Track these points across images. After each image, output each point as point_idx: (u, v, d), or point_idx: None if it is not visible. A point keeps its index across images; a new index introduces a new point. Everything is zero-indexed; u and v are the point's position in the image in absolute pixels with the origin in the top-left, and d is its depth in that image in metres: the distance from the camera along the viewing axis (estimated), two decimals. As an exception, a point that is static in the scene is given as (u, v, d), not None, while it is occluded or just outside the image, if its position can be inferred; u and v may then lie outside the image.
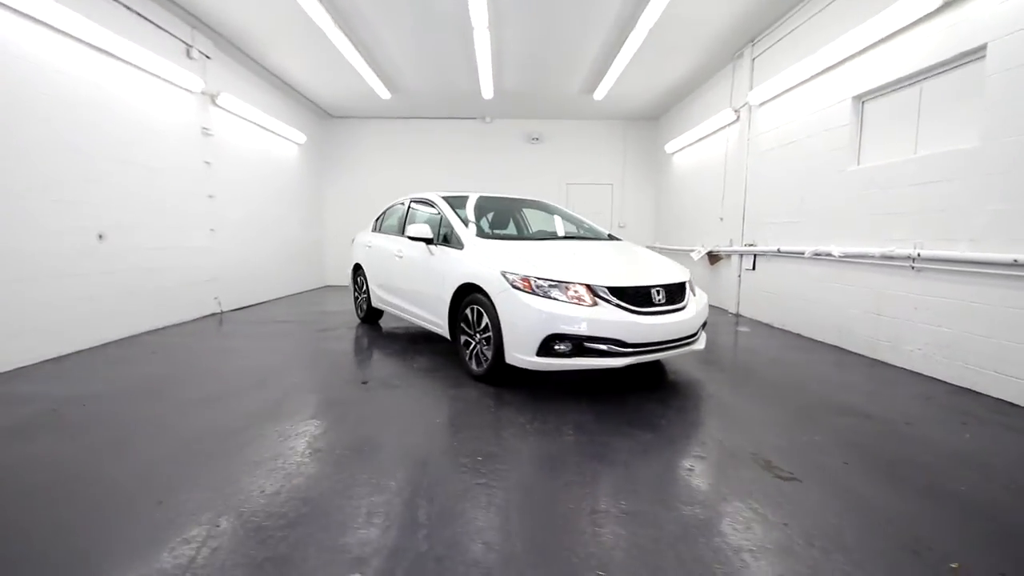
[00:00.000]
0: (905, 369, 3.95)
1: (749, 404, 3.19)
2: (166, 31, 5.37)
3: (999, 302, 3.22)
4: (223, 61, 6.47)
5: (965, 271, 3.44)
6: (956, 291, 3.52)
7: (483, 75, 7.32)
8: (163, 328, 5.34)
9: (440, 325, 4.02)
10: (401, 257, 4.69)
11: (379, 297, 5.34)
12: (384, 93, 8.15)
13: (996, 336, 3.25)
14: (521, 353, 3.12)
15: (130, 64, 4.88)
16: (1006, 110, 3.18)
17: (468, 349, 3.65)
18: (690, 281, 3.64)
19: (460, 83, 7.95)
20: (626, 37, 6.00)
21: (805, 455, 2.43)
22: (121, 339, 4.76)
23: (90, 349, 4.36)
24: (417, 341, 4.95)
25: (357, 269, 5.98)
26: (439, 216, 4.37)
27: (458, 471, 2.21)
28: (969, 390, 3.40)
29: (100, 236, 4.55)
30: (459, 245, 3.86)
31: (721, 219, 7.32)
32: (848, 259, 4.57)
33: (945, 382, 3.59)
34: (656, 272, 3.48)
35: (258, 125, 7.42)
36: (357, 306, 6.07)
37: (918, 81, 3.95)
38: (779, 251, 5.65)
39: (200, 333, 5.23)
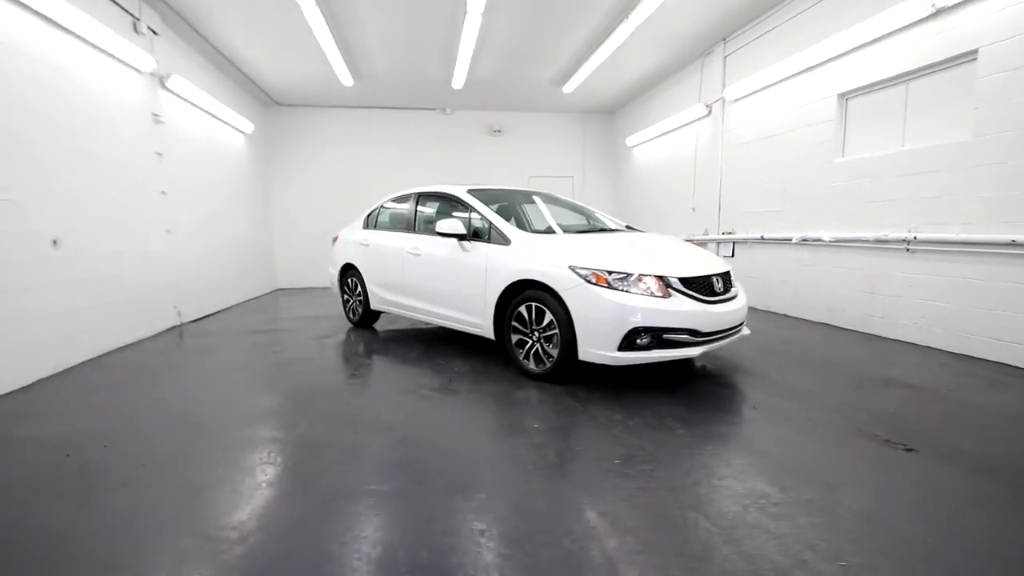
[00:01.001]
0: (901, 341, 4.39)
1: (804, 382, 3.36)
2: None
3: (996, 277, 3.66)
4: (169, 38, 5.66)
5: (962, 251, 3.87)
6: (953, 269, 3.96)
7: (460, 63, 7.06)
8: (131, 345, 4.60)
9: (480, 325, 3.83)
10: (419, 255, 4.40)
11: (381, 298, 4.99)
12: (347, 79, 7.59)
13: (992, 307, 3.69)
14: (600, 349, 3.05)
15: (75, 35, 4.10)
16: (998, 108, 3.60)
17: (524, 348, 3.51)
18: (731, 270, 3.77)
19: (431, 71, 7.60)
20: (614, 28, 6.04)
21: (896, 425, 2.60)
22: (88, 360, 4.04)
23: (59, 375, 3.65)
24: (433, 342, 4.68)
25: (347, 270, 5.54)
26: (465, 210, 4.16)
27: (608, 477, 2.11)
28: (968, 356, 3.84)
29: (55, 241, 3.81)
30: (503, 240, 3.69)
31: (693, 209, 7.67)
32: (839, 243, 4.97)
33: (943, 350, 4.03)
34: (707, 262, 3.55)
35: (207, 112, 6.60)
36: (348, 310, 5.62)
37: (906, 80, 4.36)
38: (763, 238, 6.02)
39: (177, 349, 4.58)
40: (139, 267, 4.90)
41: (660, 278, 3.12)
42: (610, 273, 3.09)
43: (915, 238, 4.20)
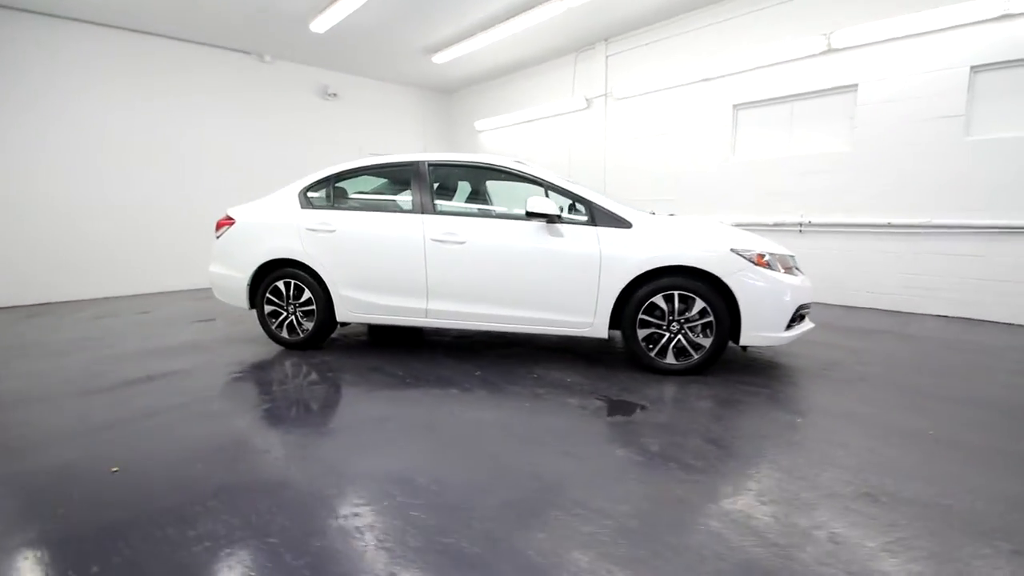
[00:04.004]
0: (795, 301, 5.74)
1: (821, 338, 4.08)
2: None
3: (870, 249, 5.18)
4: None
5: (846, 232, 5.32)
6: (837, 244, 5.40)
7: (343, 6, 5.54)
8: None
9: (585, 324, 3.23)
10: (462, 243, 3.37)
11: (364, 305, 3.61)
12: (154, -17, 5.00)
13: (867, 271, 5.23)
14: (770, 331, 3.02)
15: None
16: (872, 129, 5.06)
17: (659, 343, 3.14)
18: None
19: (292, 5, 5.71)
20: (540, 3, 5.78)
21: (938, 358, 3.46)
22: None
23: None
24: (452, 352, 3.68)
25: (269, 269, 3.79)
26: (531, 185, 3.45)
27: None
28: (854, 307, 5.33)
29: None
30: (617, 223, 3.19)
31: (569, 197, 8.07)
32: (737, 227, 6.10)
33: (832, 304, 5.48)
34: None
35: None
36: (281, 326, 3.84)
37: (795, 100, 5.63)
38: (659, 223, 6.85)
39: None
40: None
41: (791, 258, 3.28)
42: (767, 255, 3.08)
43: (809, 222, 5.54)
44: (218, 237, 4.01)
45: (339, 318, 3.72)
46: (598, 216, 3.24)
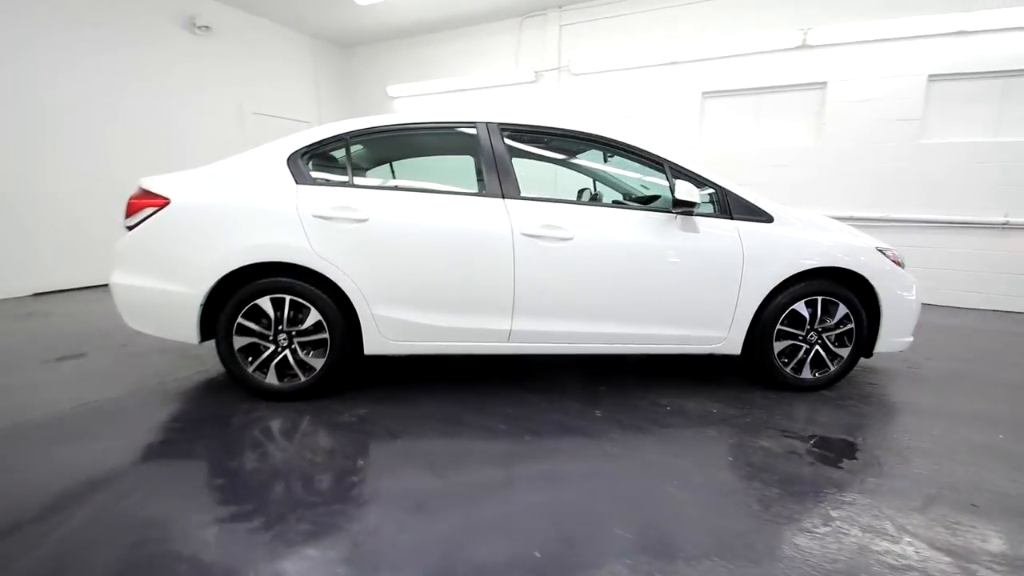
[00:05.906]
0: (760, 290, 5.94)
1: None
2: None
3: (833, 240, 5.54)
4: None
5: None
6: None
7: None
8: None
9: (717, 338, 2.66)
10: (568, 240, 2.50)
11: (412, 328, 2.51)
12: None
13: (828, 260, 5.59)
14: (903, 336, 2.81)
15: None
16: (838, 127, 5.34)
17: (796, 356, 2.72)
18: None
19: None
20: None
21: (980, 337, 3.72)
22: None
23: None
24: (535, 383, 2.80)
25: (238, 282, 2.41)
26: (648, 166, 2.83)
27: None
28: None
29: None
30: (757, 216, 2.66)
31: (510, 179, 7.32)
32: (707, 217, 6.09)
33: (793, 293, 5.78)
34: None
35: None
36: (260, 368, 2.48)
37: (765, 92, 5.70)
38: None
39: None
40: None
41: (892, 255, 3.14)
42: (895, 253, 2.85)
43: (777, 214, 5.72)
44: (131, 227, 2.43)
45: (369, 349, 2.53)
46: (734, 207, 2.66)
